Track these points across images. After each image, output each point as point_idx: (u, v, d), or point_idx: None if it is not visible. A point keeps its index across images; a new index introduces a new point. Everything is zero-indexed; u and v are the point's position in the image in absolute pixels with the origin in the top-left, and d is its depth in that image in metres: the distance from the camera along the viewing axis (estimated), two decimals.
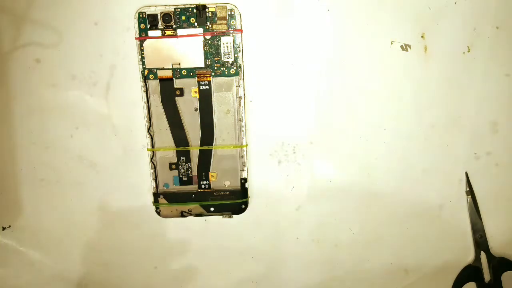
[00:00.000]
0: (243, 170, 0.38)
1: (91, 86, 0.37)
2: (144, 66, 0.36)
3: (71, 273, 0.42)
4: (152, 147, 0.38)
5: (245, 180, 0.39)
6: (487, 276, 0.41)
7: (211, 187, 0.39)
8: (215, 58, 0.36)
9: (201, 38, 0.36)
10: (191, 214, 0.39)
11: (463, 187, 0.40)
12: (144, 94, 0.36)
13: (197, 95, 0.37)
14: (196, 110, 0.37)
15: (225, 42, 0.36)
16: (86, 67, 0.37)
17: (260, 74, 0.37)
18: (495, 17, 0.36)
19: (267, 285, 0.42)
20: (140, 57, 0.36)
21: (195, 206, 0.39)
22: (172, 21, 0.35)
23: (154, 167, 0.38)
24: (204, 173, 0.38)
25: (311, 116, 0.38)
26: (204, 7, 0.35)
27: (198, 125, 0.37)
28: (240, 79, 0.36)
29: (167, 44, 0.36)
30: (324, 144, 0.39)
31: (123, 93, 0.37)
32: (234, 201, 0.39)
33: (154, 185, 0.38)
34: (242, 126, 0.37)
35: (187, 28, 0.35)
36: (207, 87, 0.37)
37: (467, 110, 0.38)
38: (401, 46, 0.37)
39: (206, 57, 0.36)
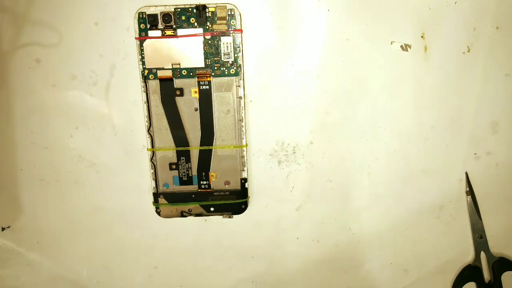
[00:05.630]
0: (243, 170, 0.38)
1: (91, 86, 0.37)
2: (144, 66, 0.36)
3: (71, 273, 0.42)
4: (152, 147, 0.38)
5: (245, 180, 0.38)
6: (487, 276, 0.41)
7: (211, 187, 0.39)
8: (215, 58, 0.36)
9: (201, 38, 0.36)
10: (191, 214, 0.39)
11: (463, 187, 0.40)
12: (144, 94, 0.36)
13: (197, 95, 0.37)
14: (196, 110, 0.37)
15: (225, 42, 0.36)
16: (86, 67, 0.37)
17: (260, 74, 0.37)
18: (495, 17, 0.36)
19: (267, 285, 0.42)
20: (140, 57, 0.36)
21: (195, 206, 0.39)
22: (172, 21, 0.35)
23: (154, 167, 0.38)
24: (204, 173, 0.38)
25: (311, 116, 0.38)
26: (204, 7, 0.35)
27: (198, 125, 0.37)
28: (240, 79, 0.36)
29: (167, 44, 0.36)
30: (324, 144, 0.39)
31: (123, 93, 0.37)
32: (234, 201, 0.39)
33: (154, 185, 0.38)
34: (242, 126, 0.37)
35: (187, 28, 0.35)
36: (207, 87, 0.37)
37: (467, 110, 0.38)
38: (401, 46, 0.37)
39: (206, 57, 0.36)
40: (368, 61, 0.37)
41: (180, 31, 0.35)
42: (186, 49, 0.36)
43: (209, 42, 0.36)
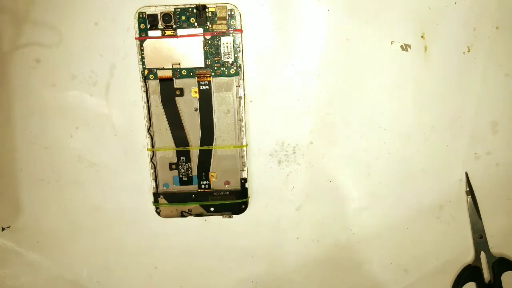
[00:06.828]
0: (243, 170, 0.38)
1: (91, 86, 0.37)
2: (144, 66, 0.36)
3: (71, 273, 0.42)
4: (152, 147, 0.38)
5: (245, 180, 0.38)
6: (487, 276, 0.41)
7: (211, 187, 0.39)
8: (215, 58, 0.36)
9: (201, 38, 0.36)
10: (191, 214, 0.39)
11: (463, 187, 0.40)
12: (144, 94, 0.36)
13: (197, 95, 0.37)
14: (196, 110, 0.37)
15: (225, 42, 0.36)
16: (86, 67, 0.37)
17: (260, 74, 0.37)
18: (495, 17, 0.36)
19: (267, 285, 0.42)
20: (140, 57, 0.36)
21: (195, 206, 0.39)
22: (172, 21, 0.35)
23: (154, 167, 0.38)
24: (204, 173, 0.38)
25: (311, 116, 0.38)
26: (204, 7, 0.35)
27: (198, 125, 0.37)
28: (240, 79, 0.36)
29: (167, 44, 0.36)
30: (324, 144, 0.39)
31: (123, 93, 0.37)
32: (234, 201, 0.39)
33: (154, 185, 0.38)
34: (242, 126, 0.37)
35: (187, 28, 0.35)
36: (207, 87, 0.37)
37: (467, 110, 0.38)
38: (401, 46, 0.37)
39: (206, 57, 0.36)
40: (368, 61, 0.37)
41: (180, 31, 0.35)
42: (186, 49, 0.36)
43: (209, 42, 0.36)
